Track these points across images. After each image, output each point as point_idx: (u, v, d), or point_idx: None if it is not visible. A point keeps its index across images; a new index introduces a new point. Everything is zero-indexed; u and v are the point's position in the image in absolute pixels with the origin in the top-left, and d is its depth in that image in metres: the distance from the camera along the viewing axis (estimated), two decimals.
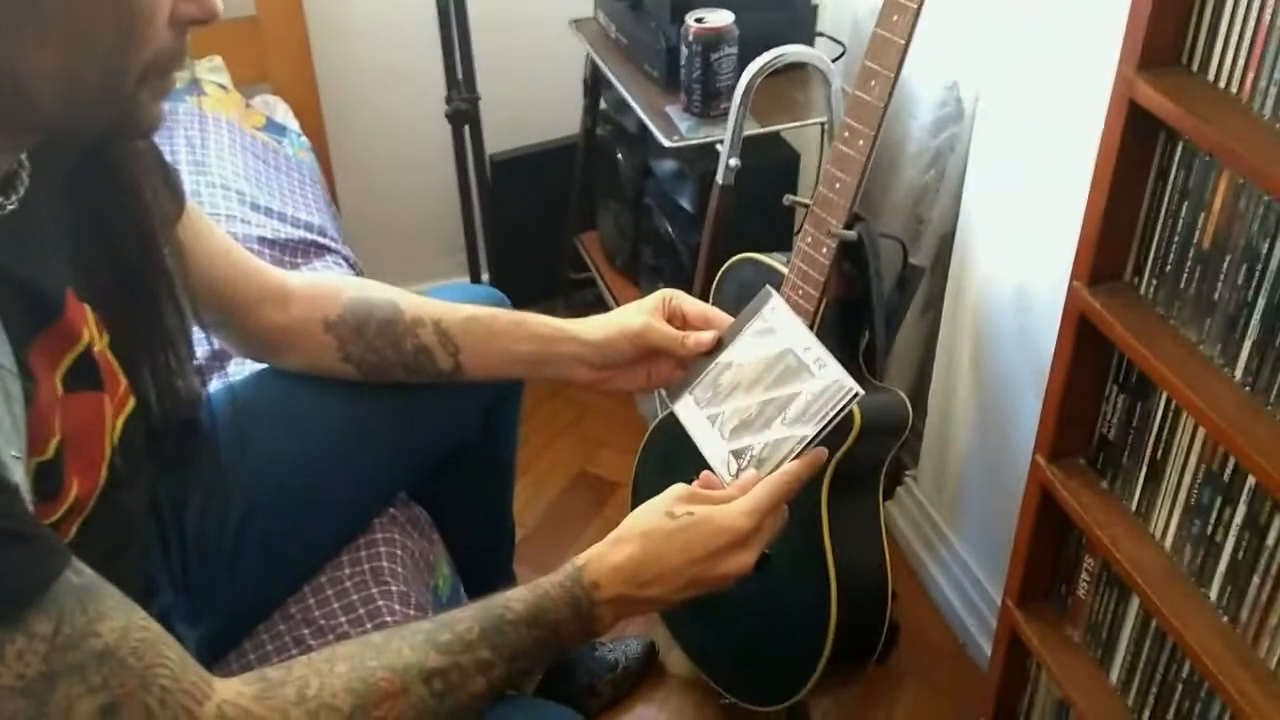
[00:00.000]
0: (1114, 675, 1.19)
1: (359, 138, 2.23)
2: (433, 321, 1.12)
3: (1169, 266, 1.00)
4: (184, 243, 0.97)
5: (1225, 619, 1.01)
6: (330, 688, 0.79)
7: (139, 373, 0.85)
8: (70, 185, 0.80)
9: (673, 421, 1.13)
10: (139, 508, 0.88)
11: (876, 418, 1.37)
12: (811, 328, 1.24)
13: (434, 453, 1.27)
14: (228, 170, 1.73)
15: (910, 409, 1.41)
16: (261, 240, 1.61)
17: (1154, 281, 1.02)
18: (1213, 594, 1.02)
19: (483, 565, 1.43)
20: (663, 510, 0.94)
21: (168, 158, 1.01)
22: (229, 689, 0.77)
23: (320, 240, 1.68)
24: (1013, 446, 1.53)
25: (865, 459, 1.40)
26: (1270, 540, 0.94)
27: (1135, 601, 1.13)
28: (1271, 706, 0.93)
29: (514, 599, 0.88)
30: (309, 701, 0.78)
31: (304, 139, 1.98)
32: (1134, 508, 1.11)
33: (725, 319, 1.11)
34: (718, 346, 1.10)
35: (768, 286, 1.09)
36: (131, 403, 0.83)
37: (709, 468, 1.04)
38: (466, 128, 2.02)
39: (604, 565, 0.91)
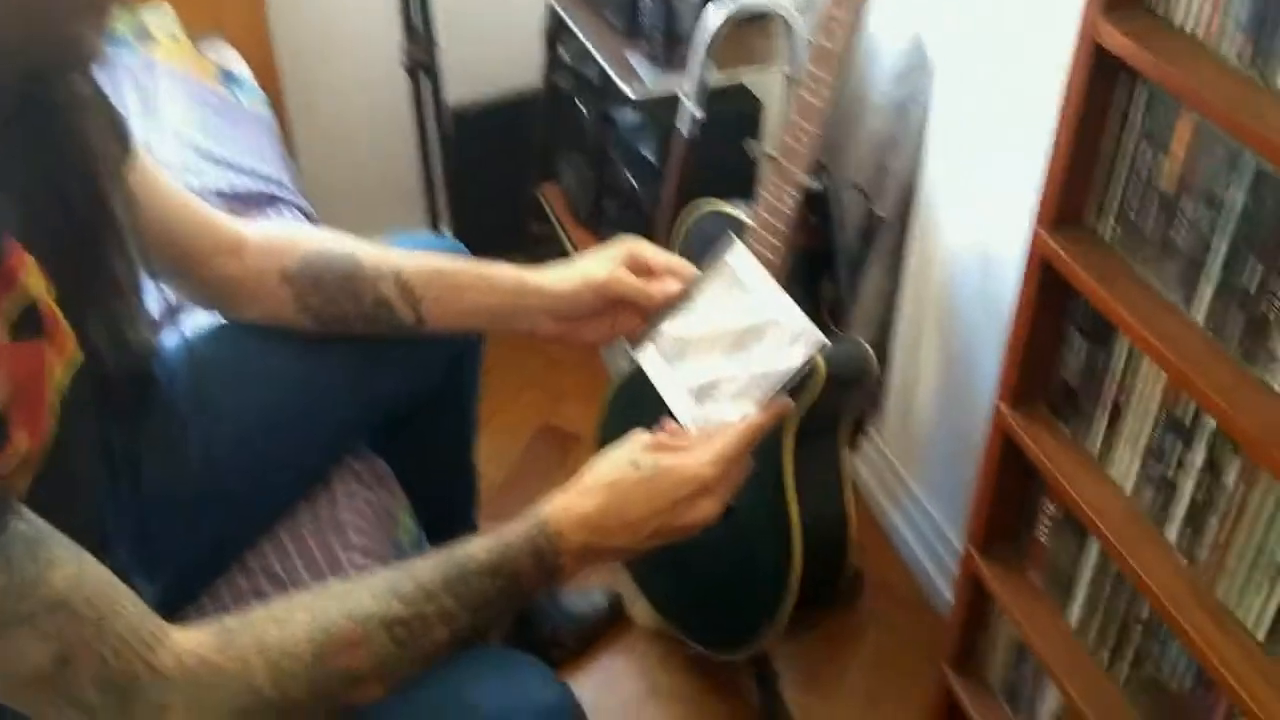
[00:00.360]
0: (1073, 618, 1.21)
1: (315, 89, 2.19)
2: (393, 274, 1.10)
3: (1131, 211, 1.00)
4: (134, 191, 0.94)
5: (1184, 560, 1.02)
6: (291, 636, 0.78)
7: (86, 323, 0.83)
8: (10, 130, 0.77)
9: (638, 374, 1.12)
10: (89, 461, 0.86)
11: (840, 368, 1.37)
12: (775, 278, 1.24)
13: (395, 404, 1.25)
14: (180, 121, 1.70)
15: (874, 359, 1.41)
16: (217, 192, 1.58)
17: (1116, 226, 1.02)
18: (1172, 536, 1.03)
19: (446, 518, 1.42)
20: (627, 460, 0.94)
21: (119, 106, 0.98)
22: (187, 639, 0.76)
23: (276, 192, 1.65)
24: (975, 395, 1.54)
25: (829, 409, 1.41)
26: (1229, 482, 0.95)
27: (1095, 545, 1.14)
28: (1229, 645, 0.95)
29: (477, 548, 0.87)
30: (269, 650, 0.77)
31: (258, 90, 1.94)
32: (1095, 453, 1.12)
33: (689, 269, 1.10)
34: (682, 296, 1.09)
35: (731, 235, 1.08)
36: (78, 354, 0.81)
37: (674, 418, 1.03)
38: (425, 78, 1.99)
39: (568, 515, 0.91)
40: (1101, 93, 0.97)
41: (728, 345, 1.03)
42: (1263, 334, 0.88)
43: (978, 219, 1.50)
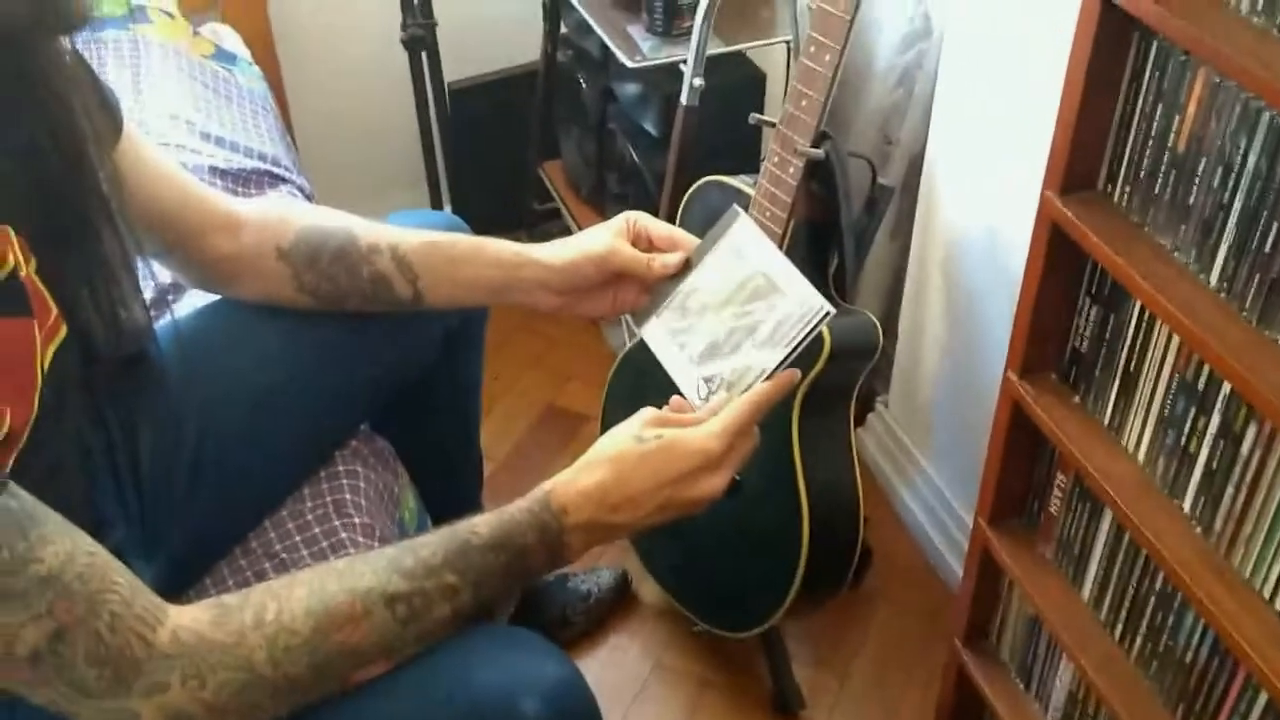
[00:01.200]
0: (1086, 591, 1.19)
1: (313, 66, 2.17)
2: (389, 248, 1.09)
3: (1143, 172, 0.98)
4: (124, 166, 0.93)
5: (1199, 530, 1.00)
6: (289, 611, 0.78)
7: (74, 300, 0.82)
8: None
9: (641, 351, 1.11)
10: (78, 439, 0.85)
11: (847, 340, 1.35)
12: (780, 248, 1.23)
13: (394, 381, 1.24)
14: (175, 99, 1.68)
15: (880, 331, 1.40)
16: (213, 170, 1.57)
17: (1127, 189, 1.00)
18: (1186, 505, 1.02)
19: (450, 498, 1.40)
20: (632, 434, 0.93)
21: (111, 84, 0.97)
22: (184, 615, 0.75)
23: (274, 170, 1.64)
24: (983, 366, 1.53)
25: (836, 382, 1.40)
26: (1245, 449, 0.93)
27: (1108, 516, 1.13)
28: (1244, 615, 0.93)
29: (480, 524, 0.87)
30: (267, 626, 0.77)
31: (255, 67, 1.93)
32: (1106, 421, 1.10)
33: (692, 240, 1.08)
34: (685, 268, 1.08)
35: (735, 206, 1.07)
36: (64, 331, 0.80)
37: (679, 393, 1.02)
38: (424, 55, 1.98)
39: (572, 490, 0.90)
40: (1111, 50, 0.95)
41: (732, 316, 1.02)
42: (1279, 296, 0.87)
43: (986, 186, 1.48)
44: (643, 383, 1.47)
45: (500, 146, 2.26)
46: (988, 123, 1.45)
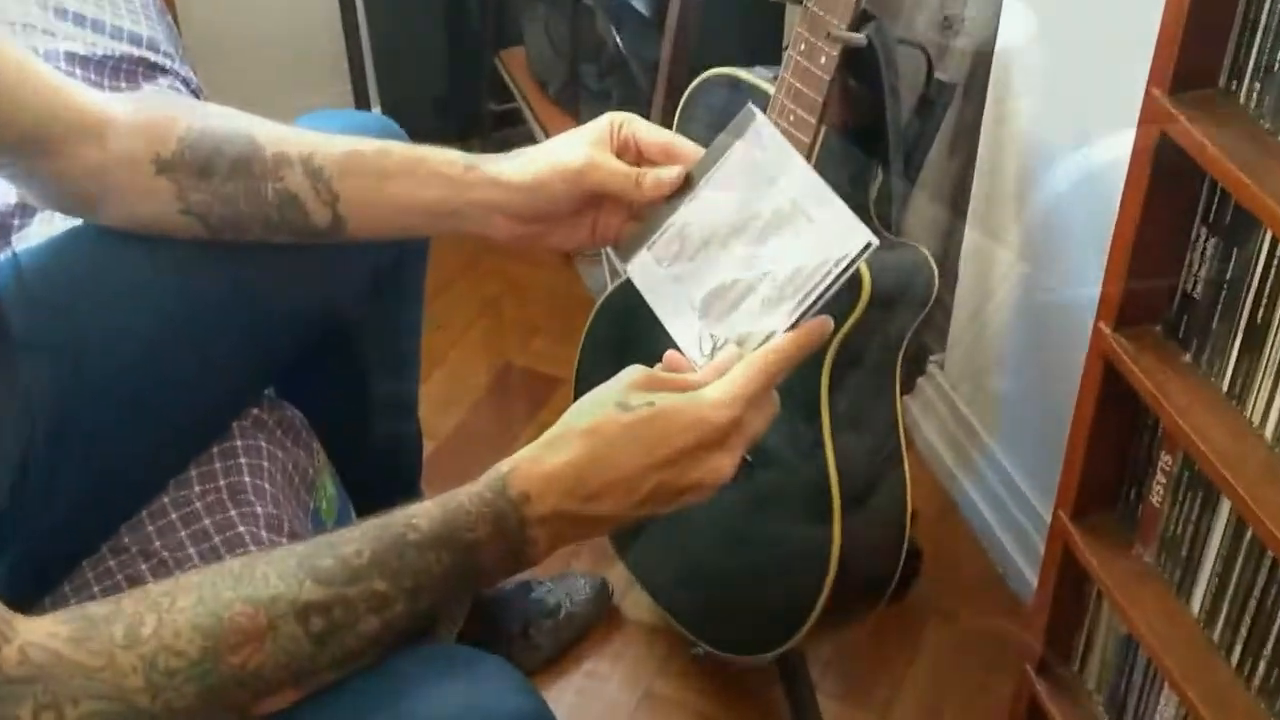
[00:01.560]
0: (1196, 603, 1.21)
1: None
2: (302, 160, 1.09)
3: (1278, 66, 0.98)
4: None
5: None
6: (172, 625, 0.78)
7: None
8: None
9: (627, 292, 1.11)
10: None
11: (892, 282, 1.36)
12: (808, 161, 1.23)
13: (309, 335, 1.25)
14: None
15: (936, 271, 1.41)
16: (71, 57, 1.57)
17: (1257, 86, 1.01)
18: None
19: (379, 483, 1.43)
20: (614, 400, 0.93)
21: None
22: (37, 629, 0.75)
23: (151, 57, 1.64)
24: (1067, 318, 1.53)
25: (877, 337, 1.40)
26: None
27: (1226, 508, 1.14)
28: None
29: (418, 515, 0.87)
30: (143, 644, 0.77)
31: None
32: (1226, 387, 1.11)
33: (693, 150, 1.09)
34: (685, 187, 1.08)
35: (750, 106, 1.07)
36: None
37: (675, 347, 1.03)
38: None
39: (537, 472, 0.90)
40: None
41: (745, 249, 1.02)
42: None
43: (1074, 83, 1.49)
44: (630, 335, 1.48)
45: (444, 30, 2.25)
46: (1077, 2, 1.45)
